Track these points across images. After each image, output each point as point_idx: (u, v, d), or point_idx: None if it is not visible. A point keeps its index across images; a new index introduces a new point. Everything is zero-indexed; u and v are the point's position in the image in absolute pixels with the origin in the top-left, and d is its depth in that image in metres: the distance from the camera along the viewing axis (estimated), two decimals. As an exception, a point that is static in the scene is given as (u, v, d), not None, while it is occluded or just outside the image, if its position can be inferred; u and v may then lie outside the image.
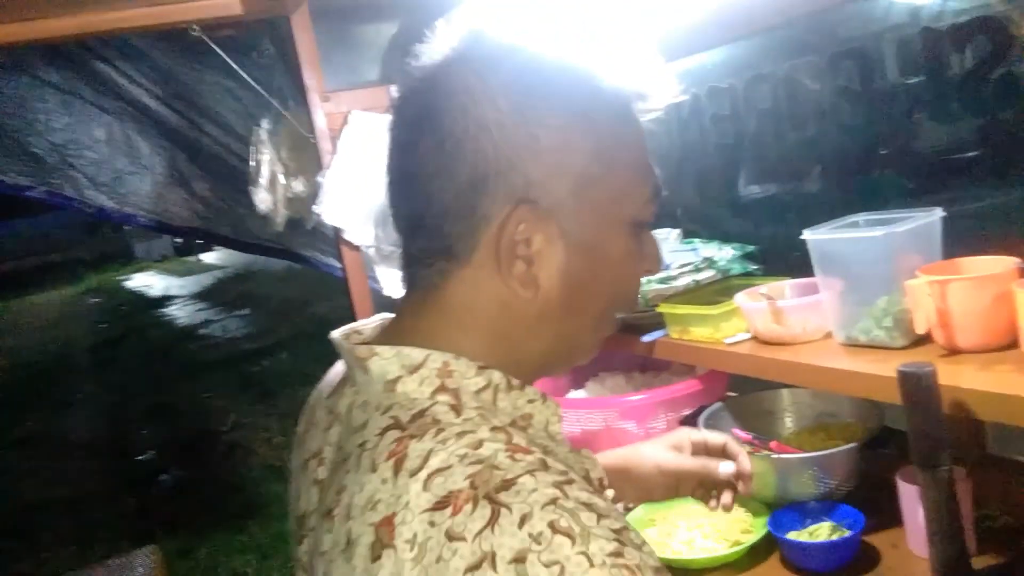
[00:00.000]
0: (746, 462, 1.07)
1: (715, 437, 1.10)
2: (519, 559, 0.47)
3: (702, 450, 1.08)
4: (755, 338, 1.27)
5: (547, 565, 0.47)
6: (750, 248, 1.49)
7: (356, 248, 1.77)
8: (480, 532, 0.49)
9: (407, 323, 0.67)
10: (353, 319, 1.88)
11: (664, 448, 1.07)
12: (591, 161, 0.62)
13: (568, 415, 1.54)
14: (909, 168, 1.35)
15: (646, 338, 1.43)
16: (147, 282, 17.06)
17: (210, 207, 2.43)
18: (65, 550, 4.08)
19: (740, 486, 1.07)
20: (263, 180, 1.87)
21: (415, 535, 0.50)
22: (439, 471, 0.52)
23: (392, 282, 1.75)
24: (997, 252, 1.03)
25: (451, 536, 0.49)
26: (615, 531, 0.50)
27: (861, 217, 1.17)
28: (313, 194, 1.77)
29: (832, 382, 1.11)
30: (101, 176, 2.33)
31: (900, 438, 1.21)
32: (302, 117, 1.79)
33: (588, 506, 0.51)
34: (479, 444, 0.54)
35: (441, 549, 0.49)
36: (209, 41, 1.70)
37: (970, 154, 1.24)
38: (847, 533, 1.17)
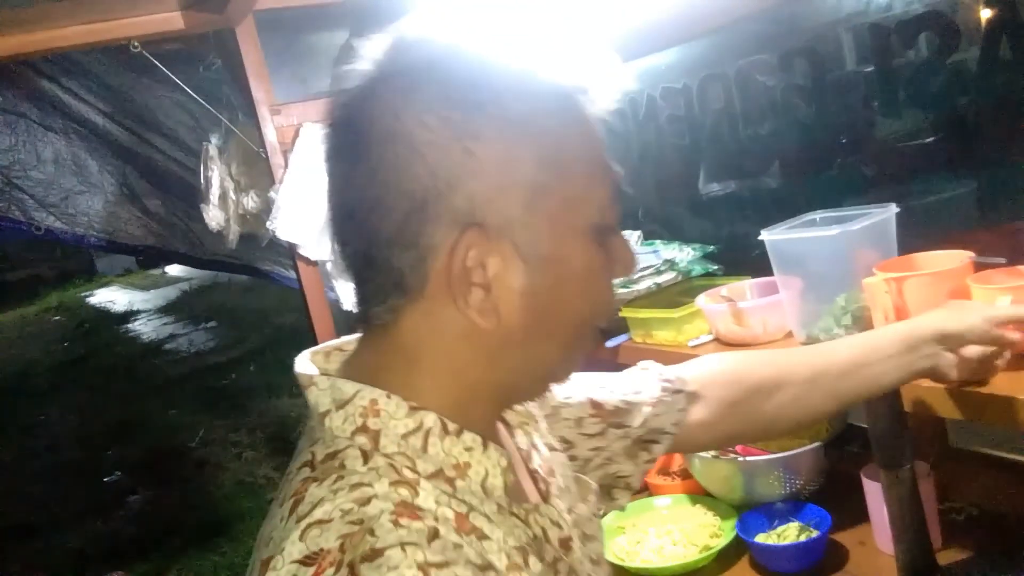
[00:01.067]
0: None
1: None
2: None
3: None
4: (717, 339, 1.27)
5: None
6: (710, 248, 1.49)
7: (312, 263, 1.74)
8: None
9: (363, 358, 0.63)
10: (312, 334, 1.85)
11: (943, 316, 0.87)
12: (538, 169, 0.56)
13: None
14: (864, 163, 1.35)
15: (609, 343, 1.42)
16: (110, 297, 16.74)
17: (164, 224, 2.38)
18: (32, 577, 3.98)
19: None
20: (214, 197, 1.83)
21: None
22: (319, 523, 0.51)
23: (350, 295, 1.72)
24: (951, 245, 1.04)
25: None
26: None
27: (818, 215, 1.17)
28: (266, 209, 1.73)
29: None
30: (49, 197, 2.27)
31: (864, 436, 1.22)
32: (252, 131, 1.75)
33: None
34: (367, 501, 0.52)
35: None
36: (151, 57, 1.65)
37: (923, 148, 1.24)
38: (815, 533, 1.17)
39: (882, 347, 0.86)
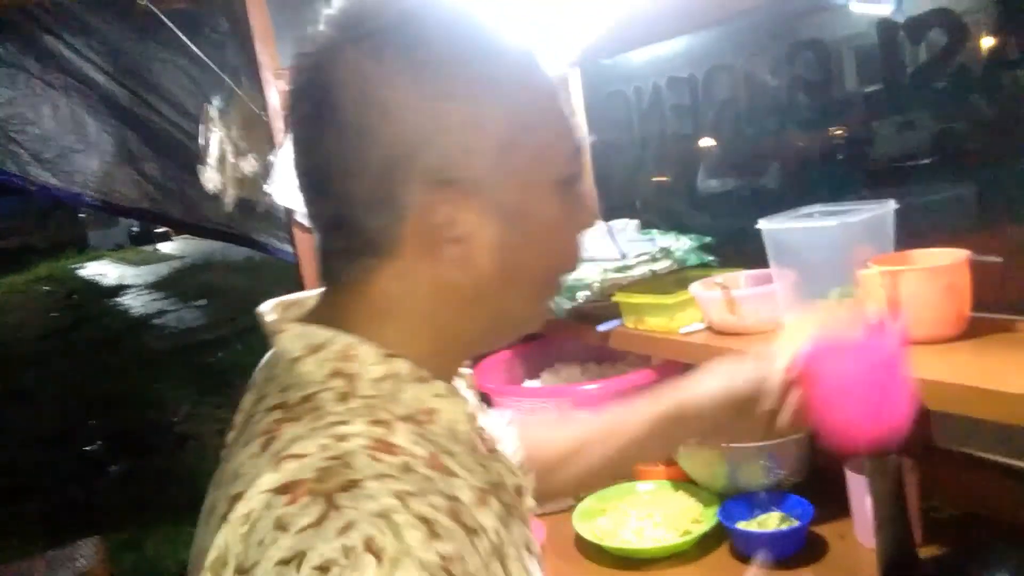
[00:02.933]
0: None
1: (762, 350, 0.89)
2: (323, 568, 0.46)
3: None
4: (710, 328, 1.27)
5: None
6: (707, 239, 1.49)
7: (308, 230, 1.73)
8: (303, 529, 0.48)
9: (330, 311, 0.63)
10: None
11: (717, 373, 0.90)
12: (506, 127, 0.58)
13: (522, 404, 1.53)
14: (864, 161, 1.35)
15: (601, 327, 1.42)
16: (101, 271, 16.65)
17: (159, 188, 2.36)
18: (5, 543, 3.96)
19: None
20: (212, 159, 1.81)
21: (251, 512, 0.50)
22: (295, 456, 0.52)
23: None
24: (949, 244, 1.04)
25: (278, 524, 0.48)
26: (443, 557, 0.49)
27: (816, 209, 1.17)
28: (264, 175, 1.72)
29: (785, 372, 1.10)
30: (46, 153, 2.25)
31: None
32: (255, 95, 1.73)
33: (425, 522, 0.49)
34: (344, 437, 0.53)
35: (266, 533, 0.48)
36: (159, 13, 1.64)
37: (924, 148, 1.25)
38: (796, 523, 1.17)
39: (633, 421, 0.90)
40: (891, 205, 1.10)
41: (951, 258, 1.00)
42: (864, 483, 1.12)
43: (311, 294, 0.69)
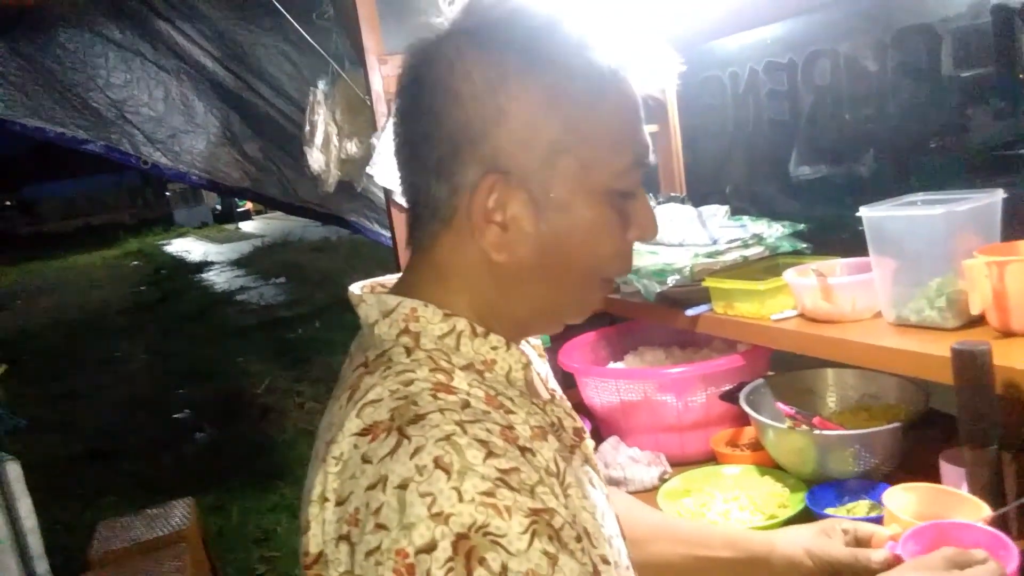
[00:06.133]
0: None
1: (864, 527, 0.95)
2: (403, 485, 0.54)
3: (852, 541, 0.94)
4: (802, 315, 1.27)
5: (422, 495, 0.54)
6: (800, 226, 1.49)
7: (405, 210, 1.79)
8: (383, 458, 0.56)
9: (404, 278, 0.73)
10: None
11: (813, 534, 0.95)
12: (561, 132, 0.65)
13: (607, 385, 1.56)
14: (966, 149, 1.33)
15: (690, 312, 1.43)
16: (186, 247, 17.32)
17: (260, 168, 2.47)
18: (103, 500, 4.20)
19: None
20: (317, 141, 1.90)
21: (342, 453, 0.59)
22: (372, 403, 0.60)
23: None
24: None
25: (364, 459, 0.57)
26: (501, 471, 0.56)
27: (919, 197, 1.16)
28: (366, 156, 1.79)
29: (882, 361, 1.10)
30: (158, 133, 2.38)
31: (944, 421, 1.21)
32: (358, 80, 1.80)
33: (483, 444, 0.57)
34: (410, 382, 0.61)
35: (355, 468, 0.57)
36: None
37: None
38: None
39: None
40: (999, 194, 1.08)
41: (1060, 250, 0.99)
42: (958, 474, 1.11)
43: (391, 278, 0.79)
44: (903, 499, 0.97)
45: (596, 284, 0.73)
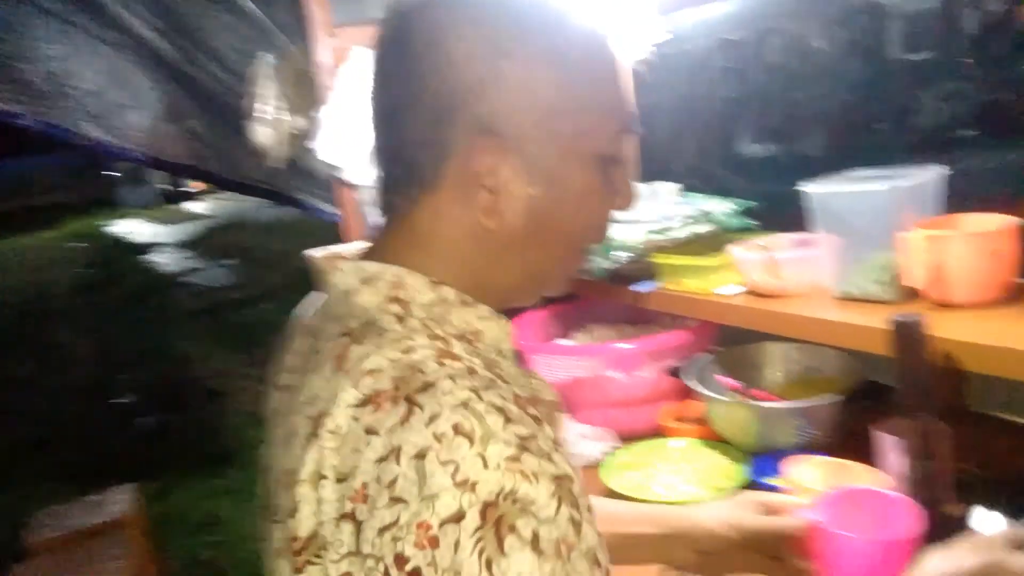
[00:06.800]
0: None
1: (775, 498, 1.00)
2: (420, 455, 0.51)
3: (766, 511, 0.97)
4: (749, 291, 1.29)
5: (443, 463, 0.51)
6: (750, 204, 1.50)
7: (352, 188, 1.76)
8: (392, 428, 0.53)
9: (377, 245, 0.70)
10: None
11: (730, 507, 0.98)
12: (556, 95, 0.64)
13: (555, 362, 1.56)
14: (912, 128, 1.35)
15: (638, 287, 1.44)
16: (132, 228, 16.83)
17: (206, 145, 2.40)
18: (42, 488, 4.09)
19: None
20: (262, 114, 1.85)
21: (339, 427, 0.55)
22: (371, 372, 0.57)
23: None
24: (998, 212, 1.04)
25: (368, 430, 0.54)
26: (521, 437, 0.54)
27: (863, 172, 1.18)
28: (313, 131, 1.75)
29: (824, 334, 1.13)
30: (97, 108, 2.29)
31: (880, 392, 1.24)
32: (305, 52, 1.76)
33: (499, 410, 0.55)
34: (411, 350, 0.58)
35: (358, 441, 0.54)
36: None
37: (976, 113, 1.24)
38: (826, 482, 1.19)
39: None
40: (940, 170, 1.10)
41: (997, 224, 1.01)
42: (891, 443, 1.15)
43: (353, 246, 0.75)
44: (807, 471, 1.11)
45: (579, 252, 0.73)
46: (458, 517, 0.50)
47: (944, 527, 1.02)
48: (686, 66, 1.69)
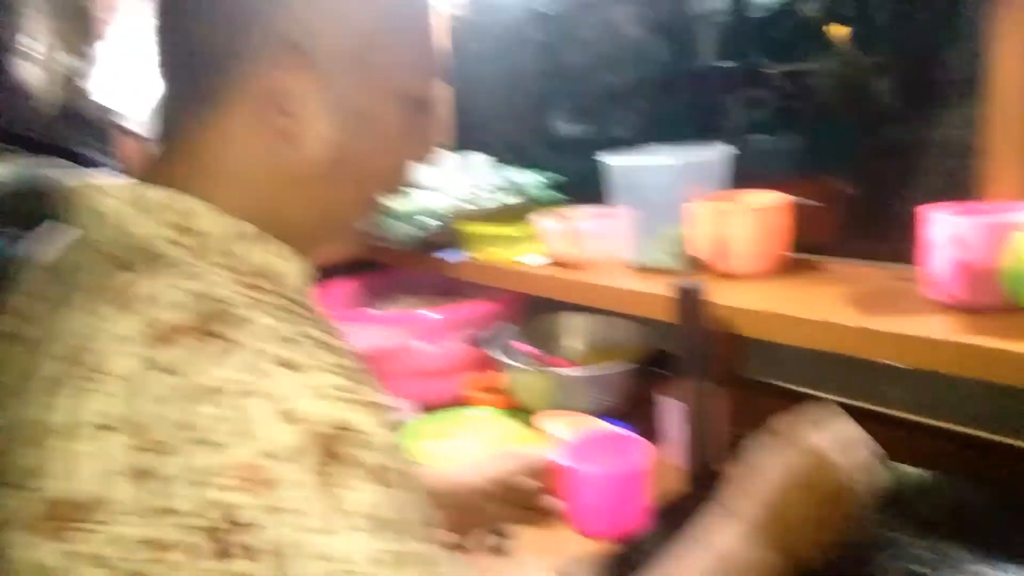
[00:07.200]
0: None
1: (530, 449, 1.05)
2: (245, 392, 0.46)
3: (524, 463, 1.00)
4: (553, 261, 1.30)
5: (270, 398, 0.46)
6: (561, 178, 1.53)
7: (136, 136, 1.59)
8: (201, 366, 0.47)
9: (154, 171, 0.59)
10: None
11: (484, 461, 1.00)
12: (373, 23, 0.59)
13: (360, 332, 1.51)
14: (710, 110, 1.42)
15: (442, 255, 1.43)
16: None
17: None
18: None
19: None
20: (31, 51, 1.63)
21: (124, 371, 0.47)
22: (168, 306, 0.49)
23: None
24: (780, 190, 1.12)
25: (167, 370, 0.47)
26: (348, 368, 0.51)
27: (660, 148, 1.23)
28: (89, 72, 1.56)
29: (618, 302, 1.16)
30: None
31: (669, 360, 1.31)
32: (82, -19, 1.56)
33: (323, 344, 0.52)
34: (216, 284, 0.52)
35: (155, 385, 0.46)
36: None
37: (765, 97, 1.33)
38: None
39: None
40: (729, 149, 1.17)
41: (773, 200, 1.09)
42: (672, 406, 1.21)
43: (113, 179, 0.63)
44: (555, 425, 1.27)
45: (372, 200, 0.66)
46: (295, 454, 0.45)
47: (716, 487, 1.09)
48: (502, 36, 1.68)
